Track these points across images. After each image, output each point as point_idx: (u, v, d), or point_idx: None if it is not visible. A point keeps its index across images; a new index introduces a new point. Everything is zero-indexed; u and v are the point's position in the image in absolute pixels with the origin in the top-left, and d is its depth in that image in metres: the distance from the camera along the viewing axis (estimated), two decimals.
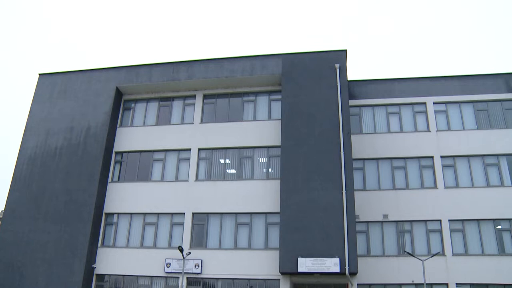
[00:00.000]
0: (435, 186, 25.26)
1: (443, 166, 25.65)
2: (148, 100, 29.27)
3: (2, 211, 32.79)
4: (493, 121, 26.57)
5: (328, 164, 23.76)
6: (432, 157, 25.88)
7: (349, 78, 26.58)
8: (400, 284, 23.64)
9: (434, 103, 27.12)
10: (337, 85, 25.37)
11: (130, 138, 28.24)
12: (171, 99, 28.94)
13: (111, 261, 25.70)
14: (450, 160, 25.81)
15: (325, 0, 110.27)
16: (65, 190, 26.68)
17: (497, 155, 25.60)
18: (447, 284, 23.26)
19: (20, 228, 26.25)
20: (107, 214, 26.92)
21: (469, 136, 26.15)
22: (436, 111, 26.95)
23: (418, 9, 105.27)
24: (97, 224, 26.23)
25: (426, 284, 21.30)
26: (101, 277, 25.80)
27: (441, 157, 25.80)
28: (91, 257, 25.58)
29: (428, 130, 26.51)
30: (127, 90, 29.17)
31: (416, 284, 23.15)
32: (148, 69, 28.74)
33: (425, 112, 27.01)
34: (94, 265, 25.61)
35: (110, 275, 25.73)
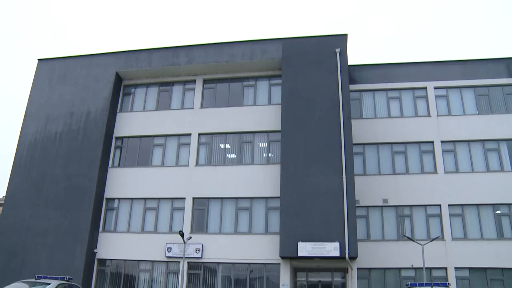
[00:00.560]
0: (435, 171, 25.27)
1: (443, 151, 25.64)
2: (148, 85, 29.18)
3: (3, 197, 32.85)
4: (493, 106, 26.49)
5: (328, 149, 23.76)
6: (432, 142, 25.86)
7: (349, 63, 26.42)
8: (400, 268, 23.77)
9: (435, 88, 27.03)
10: (337, 70, 25.27)
11: (130, 123, 28.21)
12: (171, 84, 28.86)
13: (112, 246, 25.82)
14: (450, 145, 25.79)
15: None
16: (65, 175, 26.71)
17: (497, 140, 25.59)
18: (446, 268, 23.41)
19: (21, 214, 26.34)
20: (108, 200, 26.99)
21: (469, 121, 26.10)
22: (436, 96, 26.87)
23: None
24: (97, 209, 26.30)
25: (425, 268, 21.37)
26: (102, 262, 25.95)
27: (441, 142, 25.79)
28: (92, 242, 25.70)
29: (429, 115, 26.46)
30: (126, 75, 29.08)
31: (415, 268, 23.27)
32: (147, 54, 28.62)
33: (426, 97, 26.93)
34: (95, 250, 25.73)
35: (111, 260, 25.88)
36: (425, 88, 27.10)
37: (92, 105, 28.07)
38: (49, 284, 14.25)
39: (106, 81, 28.45)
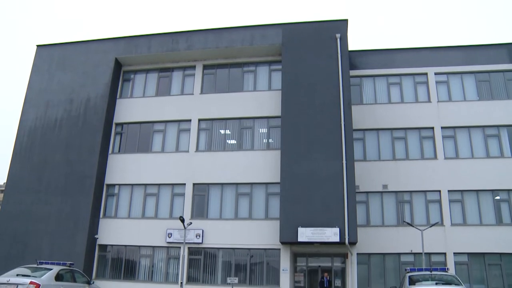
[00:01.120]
0: (435, 157, 25.27)
1: (443, 137, 25.61)
2: (147, 71, 29.08)
3: (4, 183, 32.91)
4: (494, 92, 26.38)
5: (328, 135, 23.74)
6: (432, 128, 25.81)
7: (350, 48, 26.28)
8: (399, 254, 23.87)
9: (436, 73, 26.89)
10: (337, 55, 25.15)
11: (130, 109, 28.17)
12: (171, 70, 28.75)
13: (113, 231, 25.95)
14: (451, 131, 25.75)
15: None
16: (66, 162, 26.74)
17: (497, 126, 25.52)
18: (445, 254, 23.50)
19: (23, 200, 26.41)
20: (108, 186, 27.05)
21: (470, 107, 26.03)
22: (437, 82, 26.76)
23: None
24: (98, 195, 26.38)
25: (425, 253, 21.47)
26: (103, 247, 26.08)
27: (442, 128, 25.73)
28: (93, 228, 25.81)
29: (429, 101, 26.39)
30: (126, 61, 28.95)
31: (414, 254, 23.37)
32: (147, 40, 28.47)
33: (426, 83, 26.83)
34: (96, 236, 25.85)
35: (112, 245, 26.02)
36: (426, 74, 26.98)
37: (91, 91, 28.00)
38: (51, 269, 14.35)
39: (106, 67, 28.35)
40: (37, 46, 30.55)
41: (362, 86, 27.36)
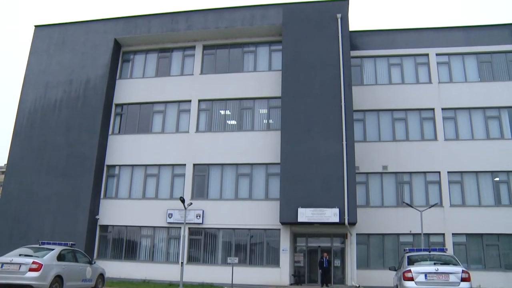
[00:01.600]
0: (435, 138, 25.26)
1: (444, 118, 25.56)
2: (147, 51, 28.88)
3: (5, 164, 32.95)
4: (496, 73, 26.22)
5: (328, 115, 23.70)
6: (433, 109, 25.74)
7: (350, 29, 26.06)
8: (398, 234, 24.04)
9: (437, 54, 26.71)
10: (338, 36, 24.96)
11: (129, 90, 28.06)
12: (171, 50, 28.56)
13: (114, 212, 26.08)
14: (451, 112, 25.69)
15: None
16: (66, 143, 26.74)
17: (498, 108, 25.45)
18: (443, 234, 23.68)
19: (24, 181, 26.50)
20: (109, 166, 27.10)
21: (471, 88, 25.91)
22: (438, 63, 26.59)
23: None
24: (99, 176, 26.44)
25: (424, 234, 21.61)
26: (104, 228, 26.25)
27: (442, 109, 25.67)
28: (94, 208, 25.94)
29: (430, 82, 26.26)
30: (125, 42, 28.73)
31: (413, 234, 23.54)
32: (146, 20, 28.21)
33: (427, 64, 26.66)
34: (97, 216, 25.99)
35: (113, 226, 26.18)
36: (427, 54, 26.79)
37: (91, 72, 27.86)
38: (53, 249, 14.42)
39: (105, 48, 28.15)
40: (35, 26, 30.29)
41: (362, 66, 27.21)
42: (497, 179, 24.41)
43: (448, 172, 24.55)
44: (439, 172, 24.64)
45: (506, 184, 24.30)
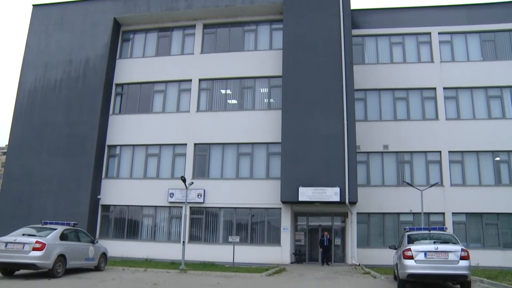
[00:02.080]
0: (437, 118, 25.19)
1: (445, 98, 25.43)
2: (147, 30, 28.63)
3: (6, 145, 32.99)
4: (499, 52, 25.95)
5: (329, 95, 23.61)
6: (434, 88, 25.60)
7: (352, 7, 25.84)
8: (398, 213, 24.17)
9: (439, 33, 26.42)
10: (339, 14, 24.71)
11: (130, 70, 27.92)
12: (171, 29, 28.31)
13: (116, 192, 26.20)
14: (453, 92, 25.55)
15: None
16: (67, 123, 26.72)
17: (500, 87, 25.27)
18: (443, 213, 23.80)
19: (25, 161, 26.56)
20: (110, 146, 27.12)
21: (473, 68, 25.71)
22: (440, 42, 26.33)
23: None
24: (100, 156, 26.49)
25: (424, 213, 21.70)
26: (106, 207, 26.41)
27: (444, 88, 25.52)
28: (96, 188, 26.05)
29: (432, 61, 26.06)
30: (125, 21, 28.47)
31: (414, 213, 23.63)
32: None
33: (430, 43, 26.42)
34: (99, 197, 26.11)
35: (115, 205, 26.34)
36: (429, 33, 26.51)
37: (90, 51, 27.68)
38: (56, 229, 14.53)
39: (104, 27, 27.91)
40: (33, 5, 29.96)
41: (364, 45, 26.98)
42: (497, 158, 24.42)
43: (449, 151, 24.55)
44: (440, 152, 24.63)
45: (506, 163, 24.32)
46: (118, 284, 12.71)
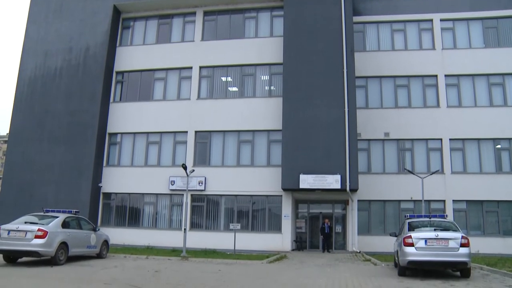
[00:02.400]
0: (438, 105, 25.10)
1: (447, 85, 25.31)
2: (147, 18, 28.47)
3: (7, 134, 33.01)
4: (502, 39, 25.71)
5: (330, 82, 23.53)
6: (436, 75, 25.46)
7: None
8: (399, 201, 24.21)
9: (441, 20, 26.18)
10: (340, 1, 24.54)
11: (130, 58, 27.82)
12: (171, 16, 28.14)
13: (117, 180, 26.27)
14: (454, 79, 25.43)
15: None
16: (67, 111, 26.70)
17: (502, 75, 25.10)
18: (444, 201, 23.83)
19: (26, 150, 26.60)
20: (111, 134, 27.13)
21: (475, 55, 25.54)
22: (442, 29, 26.12)
23: None
24: (101, 144, 26.51)
25: (424, 200, 21.74)
26: (107, 195, 26.49)
27: (445, 76, 25.38)
28: (97, 176, 26.12)
29: (434, 48, 25.89)
30: (125, 8, 28.30)
31: (414, 201, 23.67)
32: None
33: (431, 30, 26.21)
34: (100, 184, 26.19)
35: (116, 193, 26.43)
36: (431, 20, 26.28)
37: (90, 39, 27.56)
38: (58, 217, 14.59)
39: (104, 15, 27.76)
40: None
41: (365, 32, 26.81)
42: (498, 146, 24.39)
43: (450, 139, 24.50)
44: (441, 139, 24.60)
45: (507, 151, 24.30)
46: (120, 271, 12.79)
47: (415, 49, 26.16)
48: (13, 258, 14.21)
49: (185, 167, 19.98)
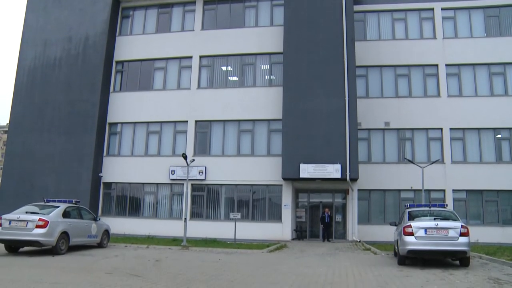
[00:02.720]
0: (438, 95, 25.06)
1: (448, 75, 25.25)
2: (146, 7, 28.32)
3: (7, 124, 32.98)
4: (503, 28, 25.56)
5: (331, 71, 23.46)
6: (436, 65, 25.38)
7: None
8: (399, 190, 24.28)
9: (442, 9, 26.03)
10: None
11: (130, 47, 27.72)
12: (171, 5, 27.99)
13: (117, 169, 26.31)
14: (455, 69, 25.35)
15: None
16: (67, 101, 26.66)
17: (504, 64, 25.01)
18: (444, 190, 23.91)
19: (27, 140, 26.60)
20: (111, 124, 27.11)
21: (476, 44, 25.42)
22: (443, 18, 25.97)
23: None
24: (101, 134, 26.52)
25: (424, 190, 21.79)
26: (108, 185, 26.55)
27: (446, 65, 25.30)
28: (97, 166, 26.16)
29: (434, 37, 25.77)
30: None
31: (414, 190, 23.75)
32: None
33: (432, 19, 26.05)
34: (100, 174, 26.24)
35: (116, 183, 26.49)
36: (432, 9, 26.12)
37: (90, 29, 27.43)
38: (58, 207, 14.62)
39: (103, 4, 27.62)
40: None
41: (366, 21, 26.67)
42: (499, 136, 24.38)
43: (450, 128, 24.51)
44: (441, 129, 24.60)
45: (507, 141, 24.32)
46: (120, 260, 12.85)
47: (416, 38, 26.05)
48: (14, 247, 14.27)
49: (185, 157, 19.97)
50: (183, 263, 12.59)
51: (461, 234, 12.03)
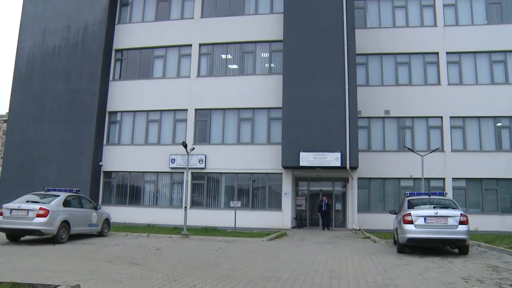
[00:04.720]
0: (439, 83, 24.97)
1: (448, 63, 25.13)
2: None
3: (6, 113, 32.92)
4: (505, 15, 25.36)
5: (331, 59, 23.36)
6: (437, 53, 25.24)
7: None
8: (399, 178, 24.32)
9: None
10: None
11: (129, 35, 27.58)
12: None
13: (117, 158, 26.33)
14: (456, 56, 25.23)
15: None
16: (67, 90, 26.60)
17: (505, 52, 24.87)
18: (444, 179, 23.93)
19: (26, 129, 26.59)
20: (111, 113, 27.07)
21: (477, 32, 25.25)
22: (444, 5, 25.75)
23: None
24: (101, 123, 26.49)
25: (424, 178, 21.82)
26: (108, 174, 26.58)
27: (447, 53, 25.16)
28: (97, 155, 26.18)
29: (435, 25, 25.61)
30: None
31: (414, 179, 23.77)
32: None
33: (433, 6, 25.84)
34: (101, 163, 26.26)
35: (116, 172, 26.53)
36: None
37: (89, 17, 27.27)
38: (59, 196, 14.65)
39: None
40: None
41: (366, 9, 26.48)
42: (499, 124, 24.35)
43: (450, 117, 24.46)
44: (441, 117, 24.56)
45: (508, 129, 24.29)
46: (121, 249, 12.90)
47: (417, 26, 25.87)
48: (15, 236, 14.33)
49: (185, 145, 19.97)
50: (184, 251, 12.64)
51: (461, 223, 12.06)
